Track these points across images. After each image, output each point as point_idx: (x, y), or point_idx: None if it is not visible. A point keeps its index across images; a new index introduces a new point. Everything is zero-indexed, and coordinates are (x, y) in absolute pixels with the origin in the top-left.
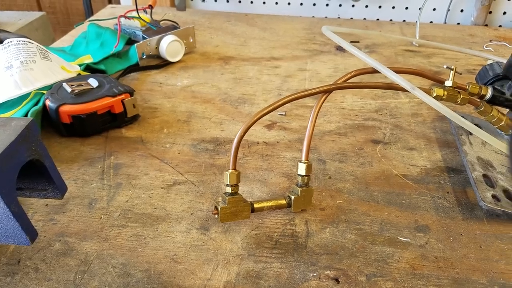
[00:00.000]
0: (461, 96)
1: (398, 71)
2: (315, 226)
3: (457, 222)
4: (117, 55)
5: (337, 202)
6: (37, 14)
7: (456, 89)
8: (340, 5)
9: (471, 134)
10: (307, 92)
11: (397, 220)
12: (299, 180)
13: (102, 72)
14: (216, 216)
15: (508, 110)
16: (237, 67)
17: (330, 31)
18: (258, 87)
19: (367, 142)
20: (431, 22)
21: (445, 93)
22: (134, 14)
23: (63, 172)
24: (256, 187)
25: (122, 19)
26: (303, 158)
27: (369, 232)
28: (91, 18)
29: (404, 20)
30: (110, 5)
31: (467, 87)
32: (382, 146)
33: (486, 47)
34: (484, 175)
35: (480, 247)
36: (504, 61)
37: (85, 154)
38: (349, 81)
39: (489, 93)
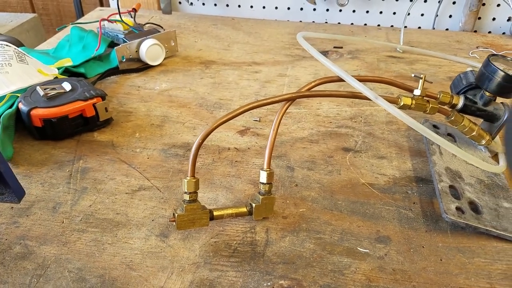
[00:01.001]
0: (430, 105)
1: (366, 80)
2: (275, 235)
3: (420, 234)
4: (98, 58)
5: (301, 210)
6: (28, 16)
7: (425, 98)
8: (327, 10)
9: None
10: (269, 100)
11: (359, 230)
12: (261, 188)
13: (82, 75)
14: (174, 223)
15: (482, 120)
16: (217, 72)
17: (303, 39)
18: (236, 92)
19: (338, 149)
20: (419, 27)
21: (413, 102)
22: (118, 17)
23: (32, 175)
24: (222, 194)
25: (106, 23)
26: (265, 166)
27: (329, 242)
28: (77, 21)
29: (392, 26)
30: (98, 8)
31: (438, 96)
32: (353, 154)
33: (471, 54)
34: (451, 186)
35: (441, 260)
36: None
37: (55, 158)
38: (314, 89)
39: (460, 102)
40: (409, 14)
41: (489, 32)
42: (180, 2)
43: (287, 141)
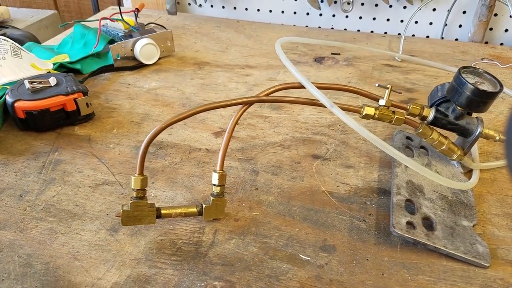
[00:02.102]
0: (396, 116)
1: (331, 88)
2: (222, 236)
3: (368, 246)
4: (96, 55)
5: (254, 214)
6: (48, 12)
7: (390, 109)
8: (333, 16)
9: (411, 157)
10: (224, 103)
11: (306, 237)
12: (213, 190)
13: (77, 71)
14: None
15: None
16: (209, 73)
17: (279, 46)
18: (222, 94)
19: (308, 156)
20: (428, 36)
21: (377, 112)
22: (124, 16)
23: (9, 163)
24: (181, 193)
25: (109, 21)
26: (218, 168)
27: (273, 247)
28: (91, 19)
29: (399, 34)
30: (111, 7)
31: (408, 107)
32: (321, 162)
33: (473, 65)
34: (408, 200)
35: (383, 274)
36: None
37: (34, 148)
38: (275, 94)
39: (430, 115)
40: (417, 22)
41: (501, 44)
42: (189, 4)
43: (259, 145)
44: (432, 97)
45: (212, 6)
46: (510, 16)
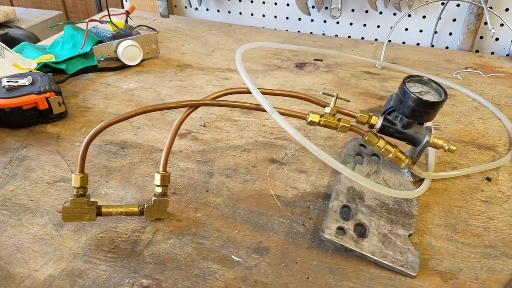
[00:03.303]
0: (341, 124)
1: (281, 94)
2: (161, 236)
3: (300, 250)
4: (83, 56)
5: (198, 215)
6: (53, 13)
7: (336, 116)
8: (324, 21)
9: (360, 163)
10: (164, 105)
11: (243, 239)
12: (156, 190)
13: (62, 71)
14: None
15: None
16: (189, 76)
17: (239, 52)
18: (197, 96)
19: (265, 160)
20: (418, 44)
21: (322, 119)
22: (113, 18)
23: None
24: (131, 193)
25: (100, 23)
26: (160, 169)
27: (208, 248)
28: (71, 21)
29: (390, 41)
30: (111, 9)
31: (357, 115)
32: (276, 166)
33: (455, 74)
34: (345, 206)
35: (307, 278)
36: (463, 90)
37: (5, 144)
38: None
39: (378, 123)
40: (407, 29)
41: (492, 53)
42: (186, 7)
43: (221, 147)
44: (385, 105)
45: (207, 9)
46: (501, 25)
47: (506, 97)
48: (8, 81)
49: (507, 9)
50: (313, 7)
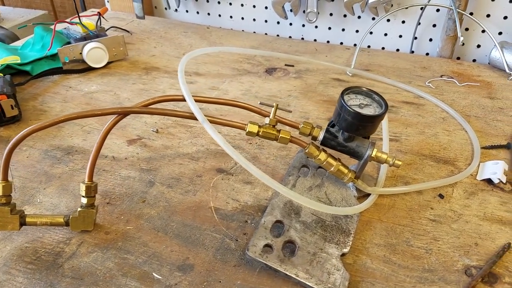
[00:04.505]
0: (280, 135)
1: (221, 103)
2: (85, 249)
3: (227, 268)
4: (51, 57)
5: (128, 228)
6: (38, 12)
7: (275, 127)
8: (303, 26)
9: (305, 176)
10: (90, 113)
11: (169, 255)
12: (81, 201)
13: (26, 72)
14: None
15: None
16: (154, 79)
17: (184, 59)
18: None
19: (212, 170)
20: (398, 50)
21: (261, 130)
22: (86, 20)
23: None
24: (66, 201)
25: (72, 25)
26: (86, 179)
27: (130, 263)
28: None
29: (369, 46)
30: (91, 10)
31: (300, 126)
32: (222, 176)
33: (428, 83)
34: (279, 221)
35: None
36: (432, 99)
37: None
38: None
39: (320, 135)
40: (386, 35)
41: (474, 61)
42: (166, 8)
43: (169, 155)
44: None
45: (187, 11)
46: (482, 31)
47: (477, 107)
48: None
49: (488, 15)
50: (290, 10)
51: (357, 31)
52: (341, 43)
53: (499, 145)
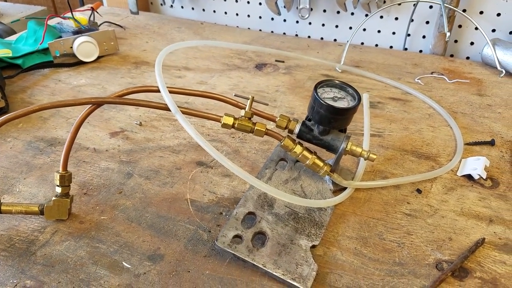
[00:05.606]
0: (256, 127)
1: (197, 95)
2: (59, 238)
3: (197, 258)
4: (43, 51)
5: (102, 218)
6: (37, 8)
7: (251, 120)
8: (297, 22)
9: (282, 169)
10: (63, 103)
11: (140, 245)
12: (56, 190)
13: (17, 66)
14: None
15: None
16: (142, 73)
17: (160, 55)
18: (141, 95)
19: (192, 163)
20: (391, 47)
21: (236, 122)
22: (80, 14)
23: None
24: (44, 191)
25: (67, 19)
26: (60, 169)
27: (102, 252)
28: (34, 16)
29: (362, 43)
30: (88, 5)
31: (276, 119)
32: (202, 169)
33: (417, 79)
34: (251, 213)
35: None
36: (419, 95)
37: None
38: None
39: (296, 128)
40: (379, 31)
41: (468, 58)
42: (161, 4)
43: (150, 148)
44: None
45: (182, 7)
46: (476, 29)
47: (465, 104)
48: None
49: (481, 12)
50: (284, 7)
51: (350, 27)
52: (335, 40)
53: (483, 141)
